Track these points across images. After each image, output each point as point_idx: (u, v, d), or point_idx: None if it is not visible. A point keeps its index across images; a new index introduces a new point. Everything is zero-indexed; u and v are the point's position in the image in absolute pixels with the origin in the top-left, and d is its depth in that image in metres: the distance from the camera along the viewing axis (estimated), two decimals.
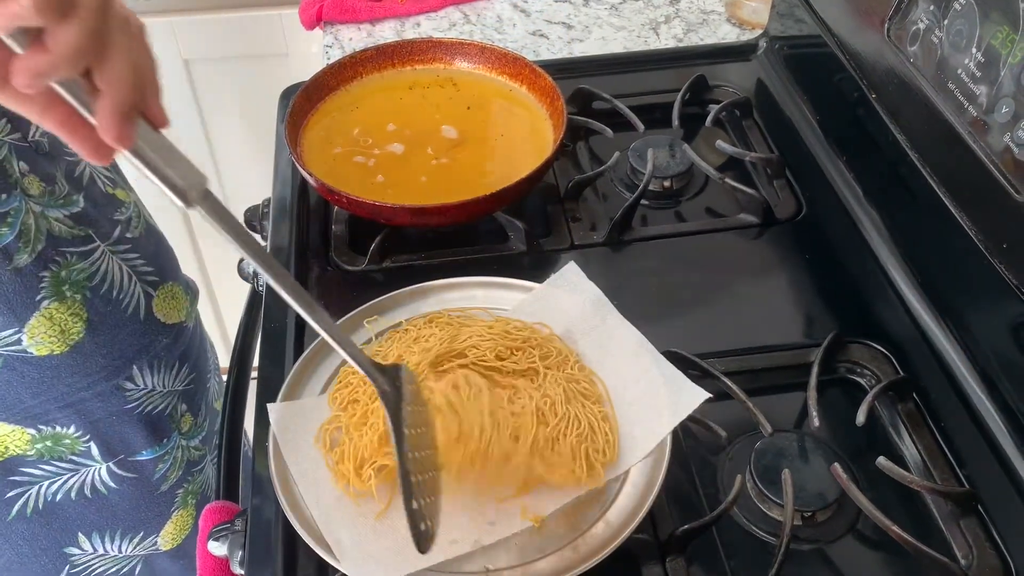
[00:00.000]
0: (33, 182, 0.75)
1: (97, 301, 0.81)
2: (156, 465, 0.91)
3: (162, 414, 0.90)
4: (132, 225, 0.86)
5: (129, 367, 0.85)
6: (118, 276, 0.83)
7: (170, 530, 0.95)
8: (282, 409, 0.64)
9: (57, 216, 0.77)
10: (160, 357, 0.88)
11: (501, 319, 0.70)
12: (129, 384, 0.85)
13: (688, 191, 0.90)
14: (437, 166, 0.87)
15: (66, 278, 0.77)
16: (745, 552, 0.62)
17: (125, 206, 0.86)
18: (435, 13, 1.21)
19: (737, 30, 1.16)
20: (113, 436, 0.86)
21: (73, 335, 0.79)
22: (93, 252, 0.80)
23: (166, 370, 0.90)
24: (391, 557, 0.57)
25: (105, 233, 0.82)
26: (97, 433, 0.85)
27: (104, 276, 0.81)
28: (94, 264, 0.80)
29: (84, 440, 0.84)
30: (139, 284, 0.86)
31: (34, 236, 0.75)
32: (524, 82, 0.93)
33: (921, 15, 0.71)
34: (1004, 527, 0.60)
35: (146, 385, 0.87)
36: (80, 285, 0.79)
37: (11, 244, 0.73)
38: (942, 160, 0.70)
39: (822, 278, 0.80)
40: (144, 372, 0.87)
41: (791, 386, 0.71)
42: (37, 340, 0.77)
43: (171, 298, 0.90)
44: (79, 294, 0.79)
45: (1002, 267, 0.63)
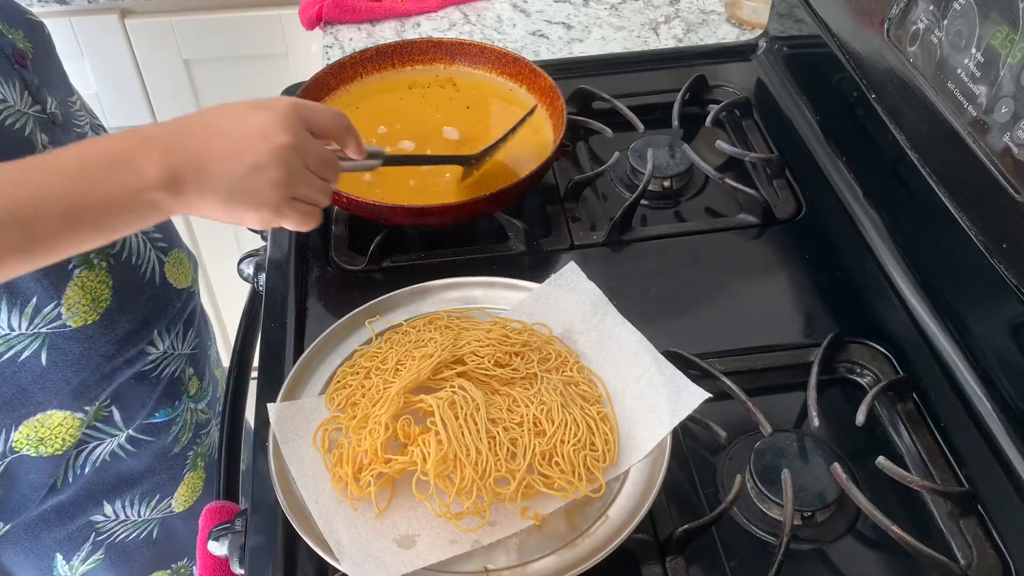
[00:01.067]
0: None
1: (119, 267, 0.83)
2: (170, 427, 0.93)
3: (173, 376, 0.92)
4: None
5: (151, 331, 0.87)
6: (135, 243, 0.85)
7: (183, 492, 0.98)
8: (282, 409, 0.64)
9: None
10: (173, 321, 0.91)
11: (500, 320, 0.70)
12: (151, 348, 0.88)
13: (688, 191, 0.90)
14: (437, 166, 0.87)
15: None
16: (745, 552, 0.62)
17: None
18: (435, 13, 1.21)
19: (737, 30, 1.16)
20: (135, 401, 0.88)
21: (103, 302, 0.81)
22: None
23: (177, 334, 0.92)
24: (391, 556, 0.57)
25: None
26: (120, 399, 0.87)
27: (124, 243, 0.83)
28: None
29: (106, 406, 0.86)
30: (153, 250, 0.88)
31: None
32: (524, 82, 0.93)
33: (921, 15, 0.71)
34: (1004, 527, 0.60)
35: (163, 349, 0.90)
36: (104, 252, 0.81)
37: None
38: (942, 160, 0.70)
39: (822, 278, 0.80)
40: (162, 335, 0.89)
41: (791, 386, 0.71)
42: (73, 311, 0.79)
43: (179, 264, 0.93)
44: (104, 261, 0.81)
45: (1002, 267, 0.63)
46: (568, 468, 0.59)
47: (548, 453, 0.60)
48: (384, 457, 0.59)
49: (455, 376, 0.64)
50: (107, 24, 1.33)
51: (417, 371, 0.62)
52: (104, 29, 1.34)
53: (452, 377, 0.64)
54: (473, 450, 0.58)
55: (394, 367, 0.64)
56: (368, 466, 0.59)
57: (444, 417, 0.59)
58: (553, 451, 0.60)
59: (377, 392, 0.63)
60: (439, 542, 0.57)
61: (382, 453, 0.59)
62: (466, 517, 0.57)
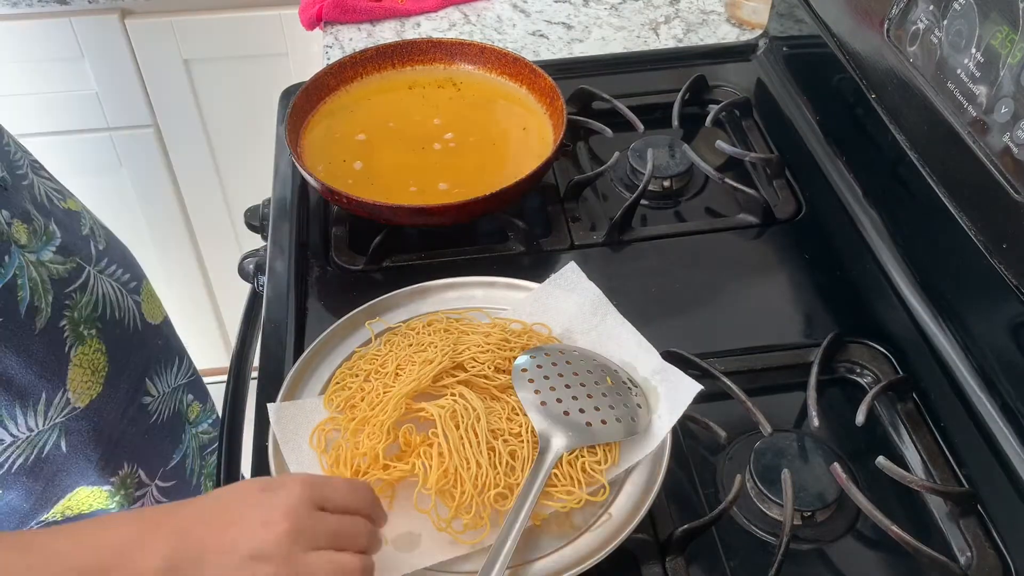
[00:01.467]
0: (20, 229, 0.74)
1: (107, 329, 0.82)
2: (184, 464, 0.94)
3: (173, 413, 0.92)
4: (97, 236, 0.87)
5: (143, 381, 0.87)
6: (112, 296, 0.83)
7: None
8: (282, 409, 0.64)
9: (49, 257, 0.77)
10: (160, 359, 0.90)
11: (500, 322, 0.70)
12: (147, 397, 0.87)
13: (688, 191, 0.90)
14: (437, 166, 0.87)
15: (79, 319, 0.78)
16: (745, 552, 0.62)
17: (83, 217, 0.86)
18: (435, 13, 1.21)
19: (737, 30, 1.16)
20: (150, 453, 0.88)
21: (101, 370, 0.80)
22: (88, 281, 0.80)
23: (167, 370, 0.91)
24: (391, 557, 0.57)
25: (87, 255, 0.82)
26: (139, 459, 0.86)
27: (104, 301, 0.82)
28: (93, 293, 0.81)
29: (135, 471, 0.86)
30: (128, 296, 0.87)
31: (41, 290, 0.74)
32: (524, 82, 0.93)
33: (921, 15, 0.71)
34: (1004, 527, 0.60)
35: (159, 392, 0.89)
36: (91, 320, 0.80)
37: (30, 305, 0.73)
38: (942, 160, 0.70)
39: (822, 278, 0.80)
40: (155, 380, 0.89)
41: (791, 386, 0.71)
42: (79, 391, 0.78)
43: (150, 297, 0.92)
44: (92, 328, 0.80)
45: (1002, 267, 0.63)
46: (567, 476, 0.59)
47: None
48: (383, 463, 0.59)
49: (455, 384, 0.63)
50: (107, 24, 1.33)
51: (418, 378, 0.62)
52: (104, 29, 1.34)
53: (452, 384, 0.63)
54: (473, 464, 0.58)
55: (394, 371, 0.64)
56: (366, 471, 0.59)
57: (446, 429, 0.59)
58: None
59: (376, 396, 0.62)
60: (439, 543, 0.58)
61: (382, 459, 0.59)
62: (467, 532, 0.57)
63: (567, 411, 0.62)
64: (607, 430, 0.61)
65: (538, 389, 0.62)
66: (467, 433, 0.59)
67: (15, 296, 0.71)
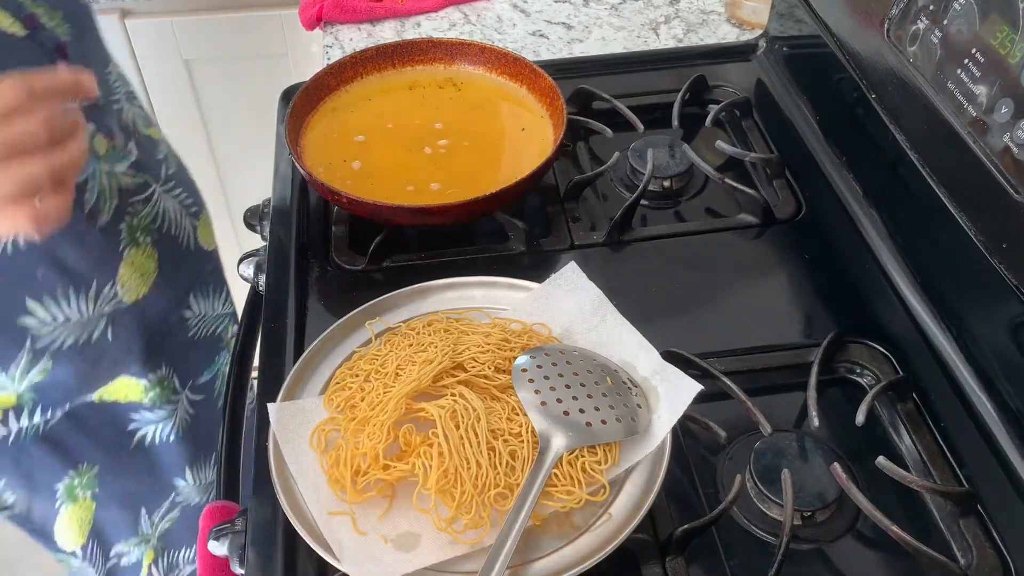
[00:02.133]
0: (100, 142, 0.84)
1: (162, 241, 0.92)
2: (214, 383, 1.04)
3: (212, 335, 1.02)
4: (169, 162, 0.97)
5: (187, 297, 0.97)
6: (172, 214, 0.94)
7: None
8: (282, 409, 0.64)
9: (122, 170, 0.87)
10: (206, 283, 1.01)
11: (500, 321, 0.70)
12: (188, 312, 0.98)
13: (688, 191, 0.90)
14: (437, 166, 0.87)
15: (137, 225, 0.89)
16: (745, 552, 0.62)
17: (160, 144, 0.97)
18: (435, 13, 1.21)
19: (737, 30, 1.16)
20: (182, 364, 0.99)
21: (150, 275, 0.90)
22: (152, 196, 0.91)
23: (212, 294, 1.02)
24: (391, 557, 0.57)
25: (156, 175, 0.93)
26: (175, 366, 0.97)
27: (163, 216, 0.92)
28: (155, 207, 0.91)
29: (171, 376, 0.97)
30: (187, 217, 0.97)
31: (108, 195, 0.85)
32: (524, 82, 0.93)
33: (921, 15, 0.71)
34: (1004, 527, 0.60)
35: (200, 311, 1.00)
36: (148, 229, 0.90)
37: (94, 207, 0.83)
38: (942, 160, 0.70)
39: (822, 278, 0.80)
40: (198, 299, 0.99)
41: (791, 386, 0.71)
42: (126, 288, 0.88)
43: (206, 225, 1.02)
44: (148, 237, 0.90)
45: (1002, 267, 0.63)
46: (566, 480, 0.59)
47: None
48: (383, 463, 0.59)
49: (455, 384, 0.63)
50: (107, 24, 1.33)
51: (418, 378, 0.62)
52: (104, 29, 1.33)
53: (453, 384, 0.63)
54: (474, 464, 0.58)
55: (394, 371, 0.64)
56: (366, 470, 0.59)
57: (446, 429, 0.59)
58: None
59: (377, 396, 0.62)
60: (440, 543, 0.58)
61: (382, 459, 0.59)
62: (467, 531, 0.57)
63: (567, 411, 0.62)
64: (607, 430, 0.61)
65: (538, 389, 0.63)
66: (467, 433, 0.59)
67: (83, 196, 0.82)
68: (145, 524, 1.02)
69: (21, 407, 0.87)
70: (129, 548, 1.03)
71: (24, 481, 0.93)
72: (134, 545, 1.03)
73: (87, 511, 0.98)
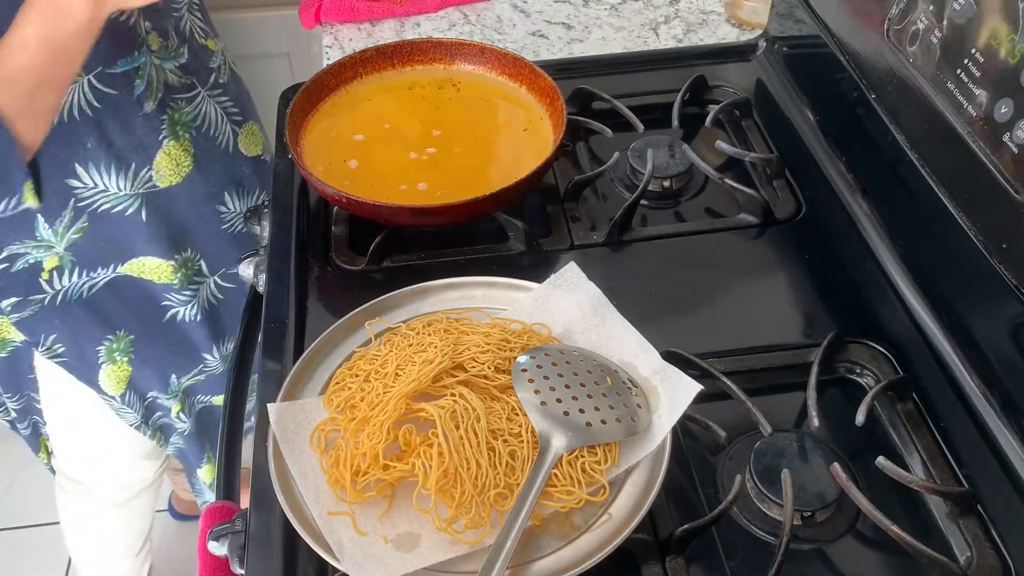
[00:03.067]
0: (154, 39, 0.95)
1: (200, 139, 1.02)
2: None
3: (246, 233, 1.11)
4: (221, 72, 1.07)
5: (222, 193, 1.07)
6: (213, 117, 1.04)
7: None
8: (282, 409, 0.64)
9: (171, 68, 0.98)
10: (243, 184, 1.11)
11: (500, 322, 0.70)
12: (222, 208, 1.08)
13: (688, 191, 0.90)
14: (437, 166, 0.87)
15: (178, 120, 0.99)
16: (745, 552, 0.62)
17: (215, 55, 1.07)
18: (435, 13, 1.21)
19: (737, 30, 1.16)
20: (214, 253, 1.10)
21: (185, 168, 1.01)
22: (196, 97, 1.01)
23: (250, 196, 1.12)
24: (392, 557, 0.57)
25: (204, 80, 1.03)
26: (204, 252, 1.09)
27: (204, 117, 1.03)
28: (197, 107, 1.02)
29: (196, 259, 1.09)
30: (228, 123, 1.07)
31: (155, 86, 0.95)
32: (524, 82, 0.93)
33: (921, 15, 0.71)
34: (1004, 527, 0.60)
35: (235, 207, 1.10)
36: (188, 126, 1.00)
37: (142, 94, 0.94)
38: (942, 160, 0.70)
39: (822, 278, 0.80)
40: (233, 197, 1.09)
41: (791, 386, 0.71)
42: (162, 174, 0.99)
43: (251, 135, 1.12)
44: (187, 133, 1.00)
45: (1002, 267, 0.63)
46: (566, 480, 0.59)
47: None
48: (383, 463, 0.59)
49: (455, 384, 0.63)
50: None
51: (418, 378, 0.62)
52: None
53: (453, 385, 0.63)
54: (474, 464, 0.58)
55: (394, 371, 0.64)
56: (366, 470, 0.59)
57: (446, 429, 0.59)
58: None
59: (376, 396, 0.62)
60: (440, 543, 0.58)
61: (382, 459, 0.59)
62: (467, 531, 0.57)
63: (567, 411, 0.62)
64: (607, 430, 0.61)
65: (538, 389, 0.63)
66: (467, 433, 0.59)
67: (132, 82, 0.93)
68: (174, 384, 1.18)
69: (63, 268, 1.01)
70: (161, 397, 1.19)
71: (70, 339, 1.07)
72: (165, 397, 1.19)
73: (124, 371, 1.13)
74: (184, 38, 1.00)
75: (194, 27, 1.03)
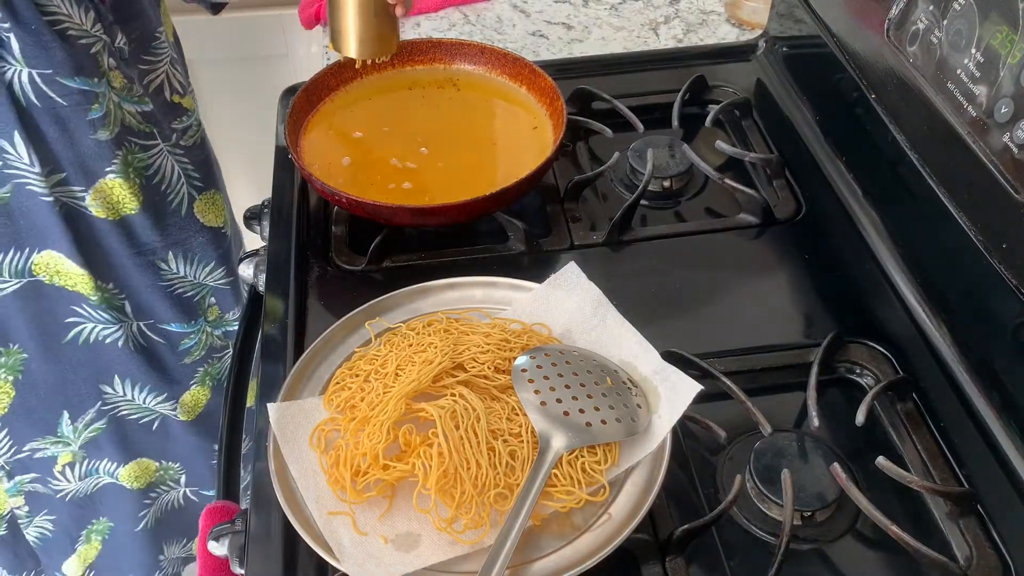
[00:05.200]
0: (117, 76, 0.92)
1: (150, 190, 0.98)
2: (182, 339, 1.07)
3: (191, 299, 1.07)
4: (189, 134, 1.04)
5: (165, 252, 1.02)
6: (169, 173, 1.00)
7: (187, 401, 1.11)
8: (282, 409, 0.64)
9: (131, 110, 0.94)
10: (196, 252, 1.05)
11: (500, 322, 0.70)
12: (163, 265, 1.02)
13: (688, 191, 0.90)
14: (437, 166, 0.87)
15: (131, 162, 0.95)
16: (745, 552, 0.62)
17: (188, 115, 1.04)
18: (435, 13, 1.21)
19: (737, 30, 1.16)
20: (144, 303, 1.03)
21: (124, 205, 0.96)
22: (154, 148, 0.98)
23: (200, 265, 1.06)
24: (392, 556, 0.57)
25: (166, 135, 0.99)
26: (131, 295, 1.02)
27: (159, 170, 0.99)
28: (152, 157, 0.98)
29: (120, 297, 1.01)
30: (186, 184, 1.02)
31: (113, 119, 0.92)
32: (524, 82, 0.93)
33: (921, 15, 0.71)
34: (1004, 527, 0.60)
35: (179, 271, 1.04)
36: (140, 172, 0.96)
37: (98, 120, 0.91)
38: (942, 160, 0.70)
39: (822, 278, 0.80)
40: (179, 260, 1.04)
41: (791, 386, 0.71)
42: (97, 202, 0.94)
43: (211, 203, 1.07)
44: (139, 179, 0.96)
45: (1002, 267, 0.63)
46: (566, 480, 0.59)
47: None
48: (383, 463, 0.59)
49: (455, 384, 0.63)
50: None
51: (418, 378, 0.62)
52: None
53: (453, 385, 0.63)
54: (473, 464, 0.58)
55: (394, 371, 0.64)
56: (366, 470, 0.59)
57: (446, 429, 0.59)
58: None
59: (376, 396, 0.62)
60: (440, 543, 0.58)
61: (382, 459, 0.59)
62: (467, 531, 0.57)
63: (567, 411, 0.62)
64: (607, 430, 0.61)
65: (538, 389, 0.63)
66: (467, 433, 0.59)
67: (89, 103, 0.90)
68: (67, 428, 1.05)
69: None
70: (45, 446, 1.07)
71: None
72: (50, 444, 1.07)
73: (4, 395, 1.01)
74: (149, 91, 0.98)
75: (169, 83, 1.01)
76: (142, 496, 1.16)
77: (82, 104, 0.89)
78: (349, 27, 0.86)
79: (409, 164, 0.87)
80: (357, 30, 0.87)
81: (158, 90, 0.99)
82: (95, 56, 0.89)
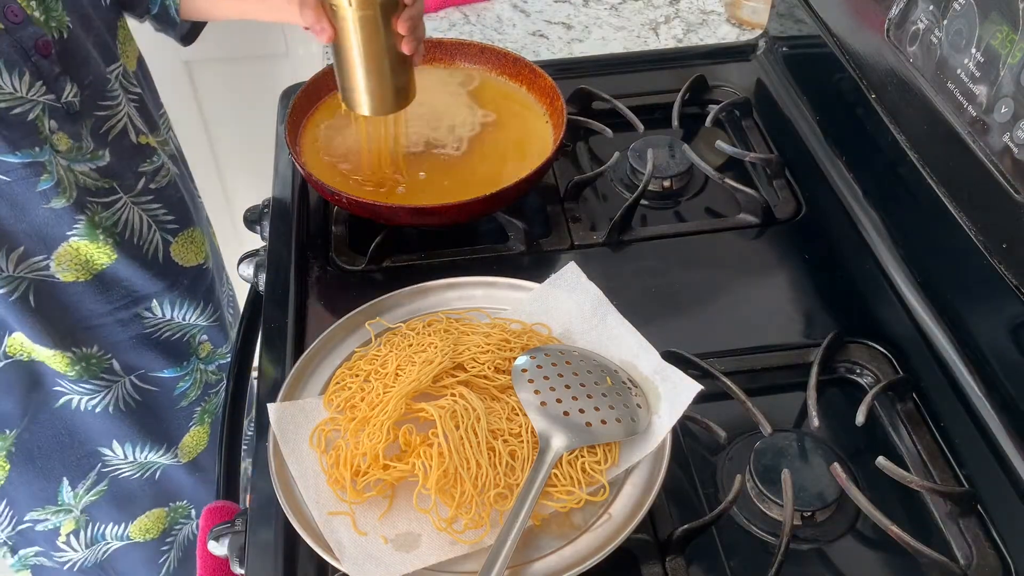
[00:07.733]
0: (62, 138, 0.83)
1: (124, 244, 0.91)
2: (176, 383, 1.02)
3: (180, 340, 1.01)
4: (161, 175, 0.95)
5: (148, 300, 0.96)
6: (138, 225, 0.93)
7: (187, 444, 1.07)
8: (282, 409, 0.64)
9: (83, 170, 0.86)
10: (182, 296, 0.99)
11: (500, 322, 0.70)
12: (147, 314, 0.97)
13: (688, 191, 0.90)
14: (437, 166, 0.87)
15: (98, 223, 0.88)
16: (745, 552, 0.62)
17: (155, 155, 0.94)
18: (435, 13, 1.21)
19: (737, 30, 1.16)
20: (131, 357, 0.98)
21: (97, 267, 0.90)
22: (115, 204, 0.90)
23: (189, 306, 1.01)
24: (391, 557, 0.57)
25: (129, 185, 0.91)
26: (117, 353, 0.96)
27: (127, 224, 0.91)
28: (116, 213, 0.90)
29: (107, 358, 0.96)
30: (158, 232, 0.96)
31: (68, 185, 0.84)
32: (524, 82, 0.93)
33: (921, 15, 0.71)
34: (1004, 527, 0.60)
35: (164, 315, 0.98)
36: (109, 230, 0.89)
37: (50, 190, 0.83)
38: (942, 160, 0.70)
39: (822, 278, 0.80)
40: (164, 306, 0.98)
41: (791, 386, 0.71)
42: (64, 267, 0.88)
43: (190, 243, 1.00)
44: (111, 238, 0.89)
45: (1002, 267, 0.63)
46: (566, 480, 0.59)
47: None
48: (383, 463, 0.59)
49: (456, 384, 0.63)
50: None
51: (418, 378, 0.62)
52: None
53: (453, 385, 0.63)
54: (473, 464, 0.58)
55: (394, 372, 0.64)
56: (366, 470, 0.59)
57: (446, 429, 0.59)
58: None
59: (377, 396, 0.62)
60: (440, 543, 0.58)
61: (382, 459, 0.59)
62: (467, 531, 0.57)
63: (567, 411, 0.62)
64: (607, 430, 0.61)
65: (538, 389, 0.63)
66: (467, 433, 0.59)
67: (37, 175, 0.82)
68: (67, 495, 1.01)
69: None
70: (46, 516, 1.03)
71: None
72: (51, 513, 1.02)
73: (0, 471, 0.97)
74: (105, 141, 0.88)
75: (133, 124, 0.92)
76: (159, 544, 1.12)
77: (29, 177, 0.82)
78: (360, 85, 0.78)
79: (409, 163, 0.86)
80: (372, 88, 0.78)
81: (120, 135, 0.90)
82: (33, 123, 0.80)
